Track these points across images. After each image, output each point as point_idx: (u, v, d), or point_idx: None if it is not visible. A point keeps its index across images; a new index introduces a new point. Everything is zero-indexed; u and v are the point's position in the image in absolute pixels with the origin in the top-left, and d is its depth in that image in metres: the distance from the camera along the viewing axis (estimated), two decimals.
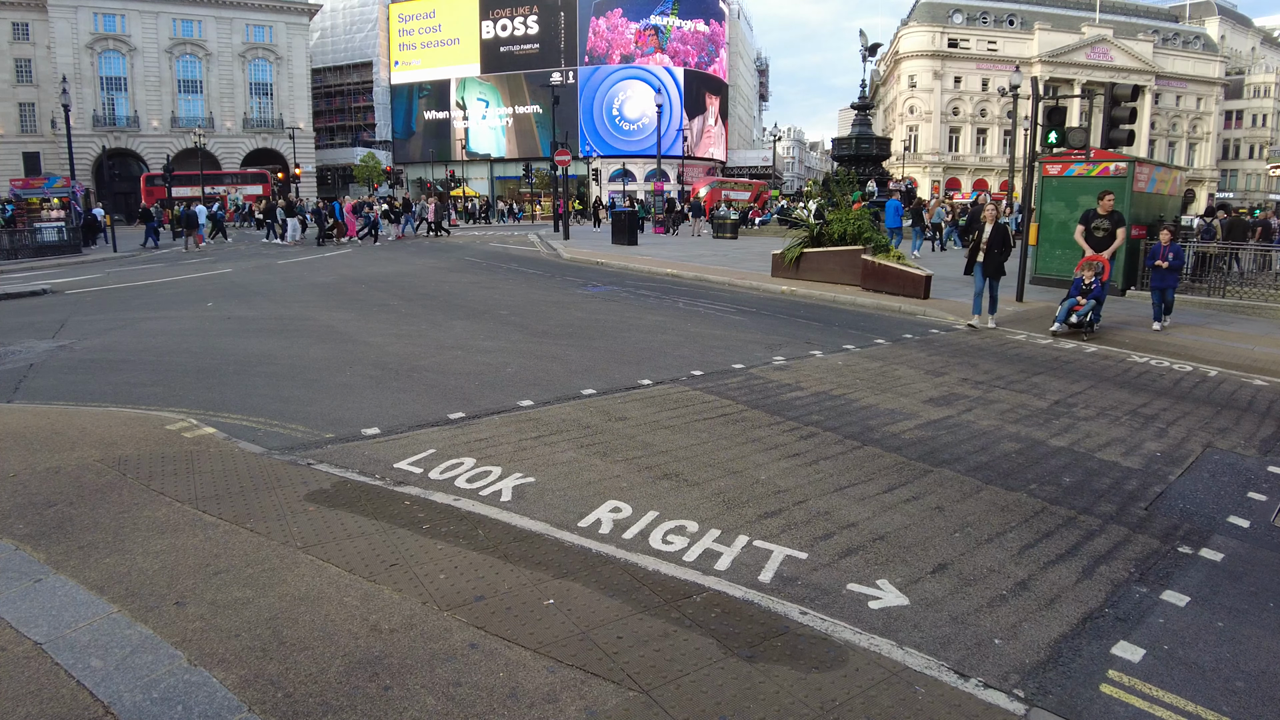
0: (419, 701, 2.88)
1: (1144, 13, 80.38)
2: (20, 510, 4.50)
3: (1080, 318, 11.18)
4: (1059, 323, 11.36)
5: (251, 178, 54.91)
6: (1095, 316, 11.32)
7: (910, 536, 4.52)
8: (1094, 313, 11.25)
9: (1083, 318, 11.18)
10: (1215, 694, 3.18)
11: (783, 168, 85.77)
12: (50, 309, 13.51)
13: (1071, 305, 11.28)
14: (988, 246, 11.89)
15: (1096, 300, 11.25)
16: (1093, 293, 11.30)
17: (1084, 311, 11.14)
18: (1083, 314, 11.16)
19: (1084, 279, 11.43)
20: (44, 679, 2.96)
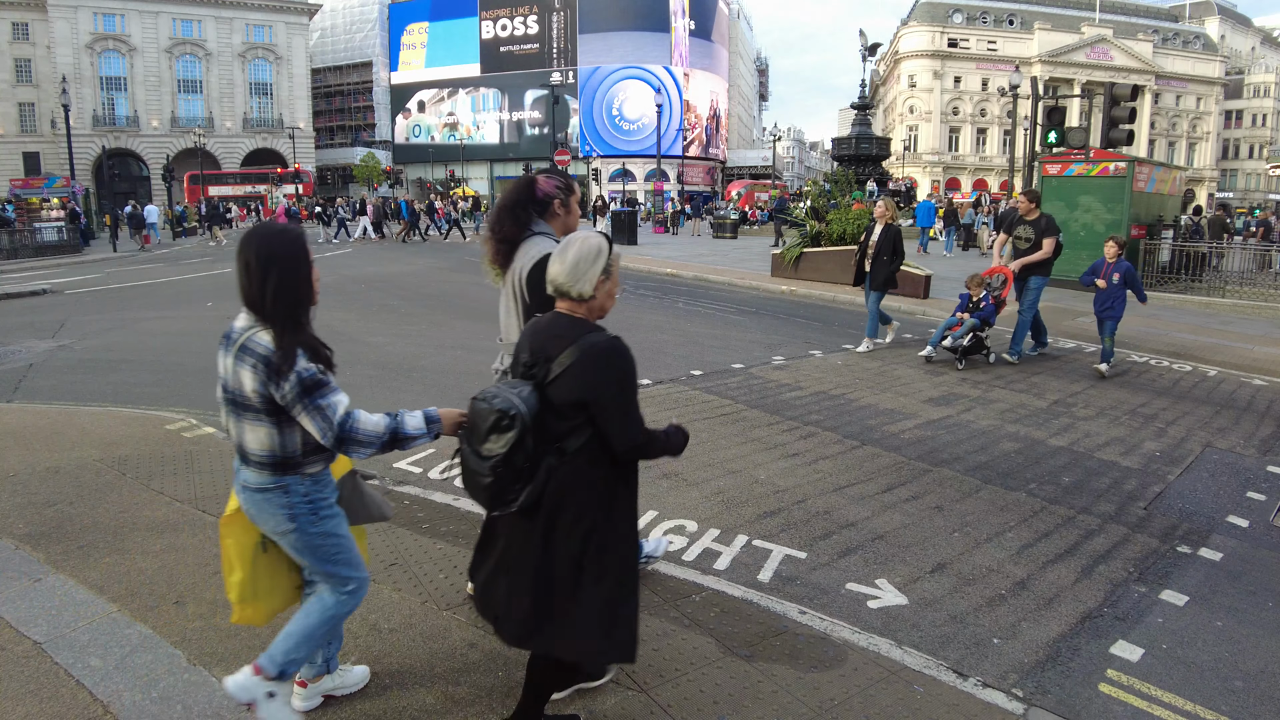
0: (418, 701, 2.89)
1: (1144, 12, 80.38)
2: (20, 510, 4.50)
3: (955, 341, 8.95)
4: (931, 347, 9.23)
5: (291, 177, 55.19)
6: (975, 342, 9.05)
7: (909, 536, 4.52)
8: (973, 337, 8.99)
9: (957, 341, 8.94)
10: (1214, 693, 3.18)
11: (783, 167, 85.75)
12: (50, 309, 13.52)
13: (948, 325, 9.18)
14: (875, 253, 9.80)
15: (981, 321, 9.06)
16: (979, 311, 9.14)
17: (960, 334, 8.94)
18: (958, 337, 8.94)
19: (971, 294, 9.31)
20: (43, 678, 2.97)
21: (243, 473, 2.51)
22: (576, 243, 2.44)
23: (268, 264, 2.40)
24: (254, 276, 2.39)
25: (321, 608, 2.61)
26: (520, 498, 2.31)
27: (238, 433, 2.49)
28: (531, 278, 3.07)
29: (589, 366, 2.31)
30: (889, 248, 9.73)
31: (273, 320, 2.39)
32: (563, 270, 2.41)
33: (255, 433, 2.44)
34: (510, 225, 3.21)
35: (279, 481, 2.46)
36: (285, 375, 2.35)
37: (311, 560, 2.58)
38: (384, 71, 75.13)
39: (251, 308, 2.43)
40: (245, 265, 2.42)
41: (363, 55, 75.81)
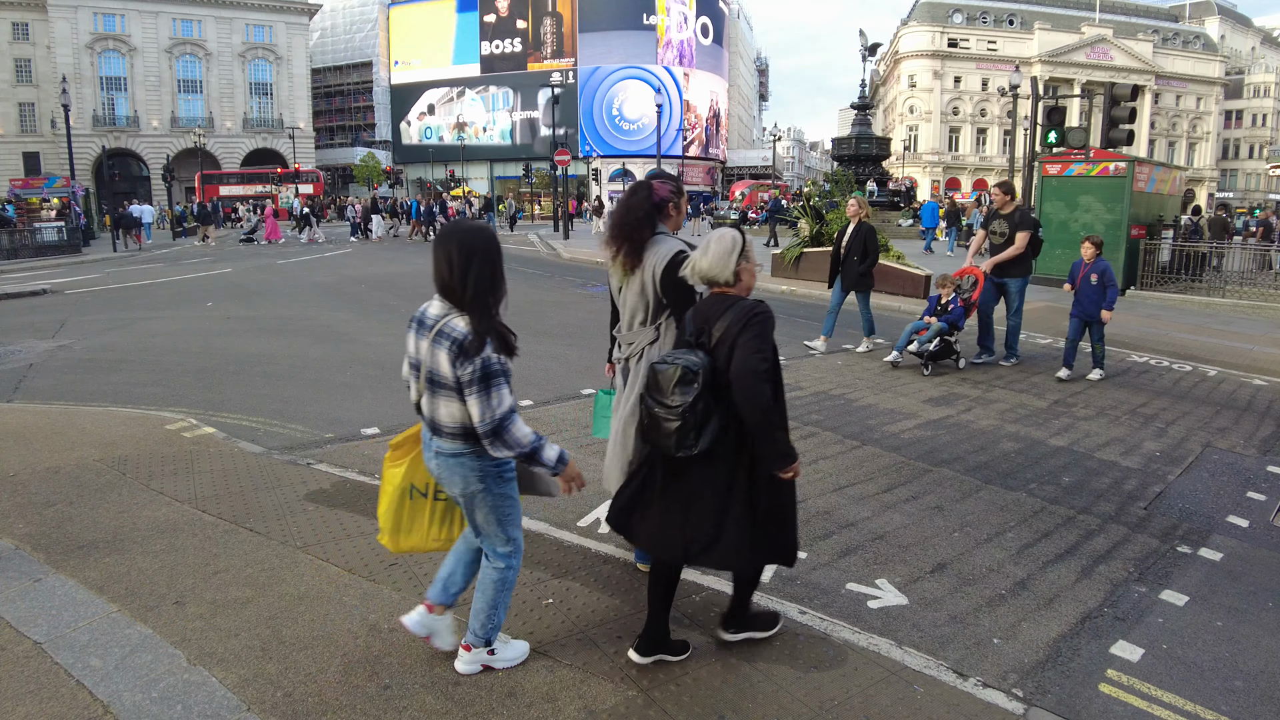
0: (418, 700, 2.89)
1: (1144, 12, 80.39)
2: (20, 510, 4.50)
3: (922, 345, 8.52)
4: (897, 351, 8.83)
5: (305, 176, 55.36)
6: (943, 347, 8.65)
7: (909, 536, 4.52)
8: (940, 341, 8.59)
9: (923, 346, 8.51)
10: (1214, 693, 3.18)
11: (783, 168, 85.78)
12: (50, 309, 13.51)
13: (915, 329, 8.70)
14: (846, 252, 9.48)
15: (949, 325, 8.64)
16: (948, 314, 8.72)
17: (926, 339, 8.51)
18: (924, 341, 8.52)
19: (941, 295, 8.94)
20: (43, 678, 2.97)
21: (435, 442, 2.83)
22: (714, 240, 3.00)
23: (469, 257, 2.70)
24: (455, 268, 2.69)
25: (492, 580, 2.97)
26: (701, 442, 2.78)
27: (431, 407, 2.80)
28: (665, 274, 3.47)
29: (745, 325, 2.82)
30: (859, 247, 9.36)
31: (469, 307, 2.70)
32: (710, 264, 2.97)
33: (449, 407, 2.75)
34: (642, 229, 3.58)
35: (471, 448, 2.78)
36: (471, 358, 2.65)
37: (489, 518, 2.89)
38: (384, 71, 75.11)
39: (448, 296, 2.73)
40: (447, 257, 2.71)
41: (363, 55, 75.76)
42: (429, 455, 2.89)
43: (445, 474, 2.84)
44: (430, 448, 2.87)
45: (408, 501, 3.01)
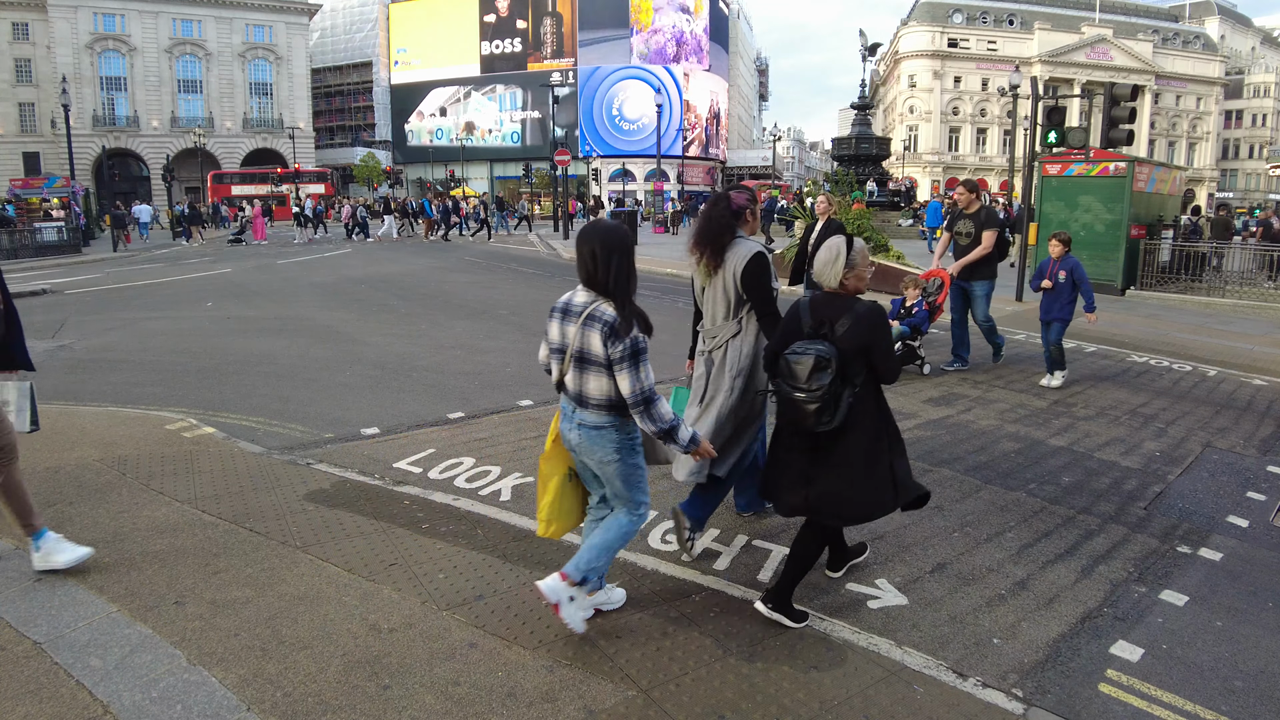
0: (418, 700, 2.89)
1: (1144, 12, 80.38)
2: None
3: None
4: None
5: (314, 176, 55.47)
6: (905, 352, 8.30)
7: (909, 536, 4.52)
8: (901, 346, 8.22)
9: None
10: (1214, 693, 3.18)
11: (783, 168, 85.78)
12: (50, 309, 13.51)
13: None
14: (813, 250, 8.24)
15: (911, 329, 8.27)
16: (911, 318, 8.28)
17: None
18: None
19: (905, 298, 8.52)
20: (43, 678, 2.97)
21: (579, 414, 3.18)
22: (822, 250, 3.45)
23: (610, 253, 3.11)
24: (599, 262, 3.10)
25: (618, 526, 3.30)
26: (837, 418, 3.25)
27: (579, 383, 3.15)
28: (745, 272, 3.97)
29: (864, 324, 3.31)
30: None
31: (614, 295, 3.10)
32: (816, 270, 3.48)
33: (598, 381, 3.10)
34: (723, 235, 4.04)
35: (613, 421, 3.15)
36: (622, 338, 3.01)
37: (621, 484, 3.27)
38: (384, 71, 75.12)
39: (593, 286, 3.13)
40: (591, 253, 3.12)
41: (363, 55, 75.80)
42: (570, 428, 3.22)
43: (587, 444, 3.19)
44: (573, 420, 3.20)
45: (566, 486, 3.39)
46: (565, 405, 3.27)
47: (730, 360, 4.07)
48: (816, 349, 3.27)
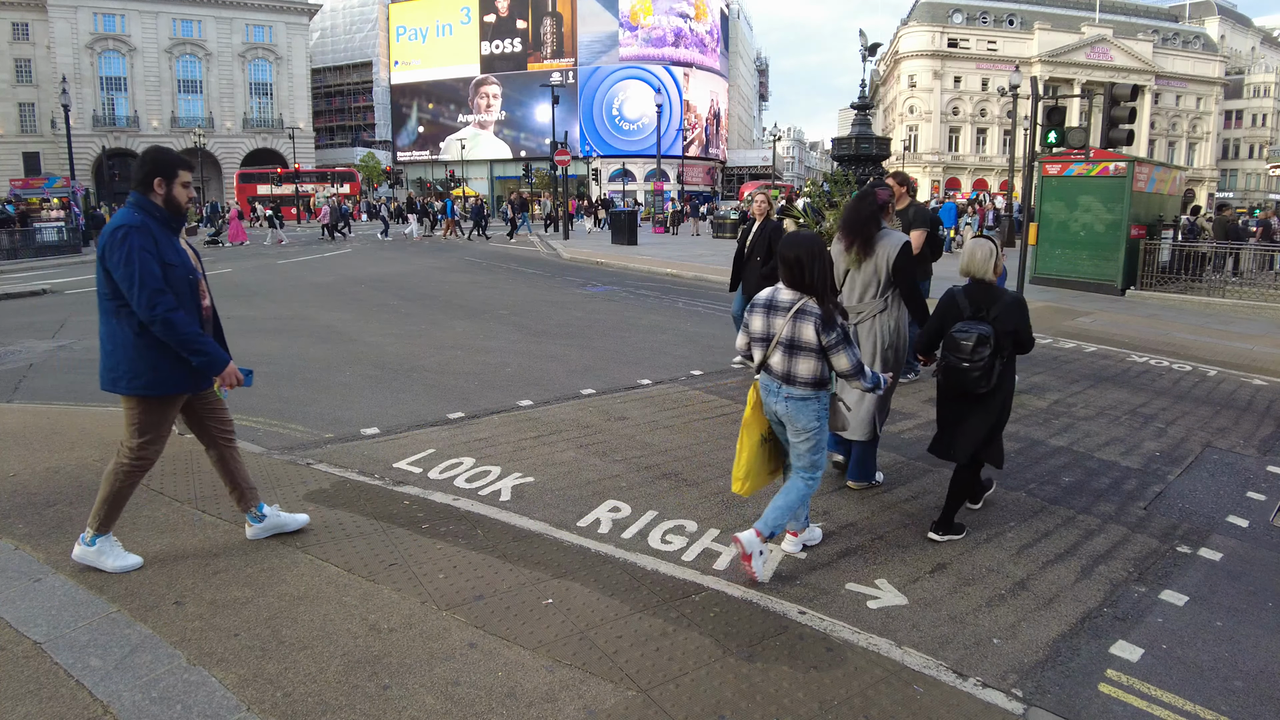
0: (418, 701, 2.89)
1: (1144, 12, 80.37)
2: (20, 510, 4.50)
3: None
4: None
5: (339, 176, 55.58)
6: None
7: (909, 536, 4.52)
8: None
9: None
10: (1214, 693, 3.18)
11: (783, 168, 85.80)
12: (50, 309, 13.52)
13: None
14: (749, 253, 8.33)
15: None
16: None
17: None
18: None
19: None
20: (43, 678, 2.97)
21: (786, 389, 3.87)
22: (978, 248, 4.36)
23: (814, 259, 3.77)
24: (805, 266, 3.76)
25: (796, 489, 3.99)
26: (991, 382, 4.22)
27: (788, 364, 3.84)
28: (898, 259, 4.77)
29: (1015, 310, 4.28)
30: (764, 247, 8.11)
31: (819, 294, 3.77)
32: (976, 265, 4.36)
33: (808, 364, 3.80)
34: (870, 226, 4.78)
35: (815, 394, 3.86)
36: (833, 328, 3.72)
37: (808, 449, 3.94)
38: (384, 71, 75.10)
39: (797, 286, 3.81)
40: (797, 259, 3.77)
41: (363, 55, 75.79)
42: (777, 400, 3.91)
43: (794, 413, 3.89)
44: (779, 395, 3.90)
45: (761, 450, 4.05)
46: (769, 383, 3.94)
47: (879, 333, 4.85)
48: (979, 329, 4.20)
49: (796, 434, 3.93)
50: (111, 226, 3.64)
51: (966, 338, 4.20)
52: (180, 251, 3.78)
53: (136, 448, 3.75)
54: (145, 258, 3.56)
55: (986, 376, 4.20)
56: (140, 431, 3.75)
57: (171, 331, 3.57)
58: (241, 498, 4.12)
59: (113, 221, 3.65)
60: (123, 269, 3.58)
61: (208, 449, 4.09)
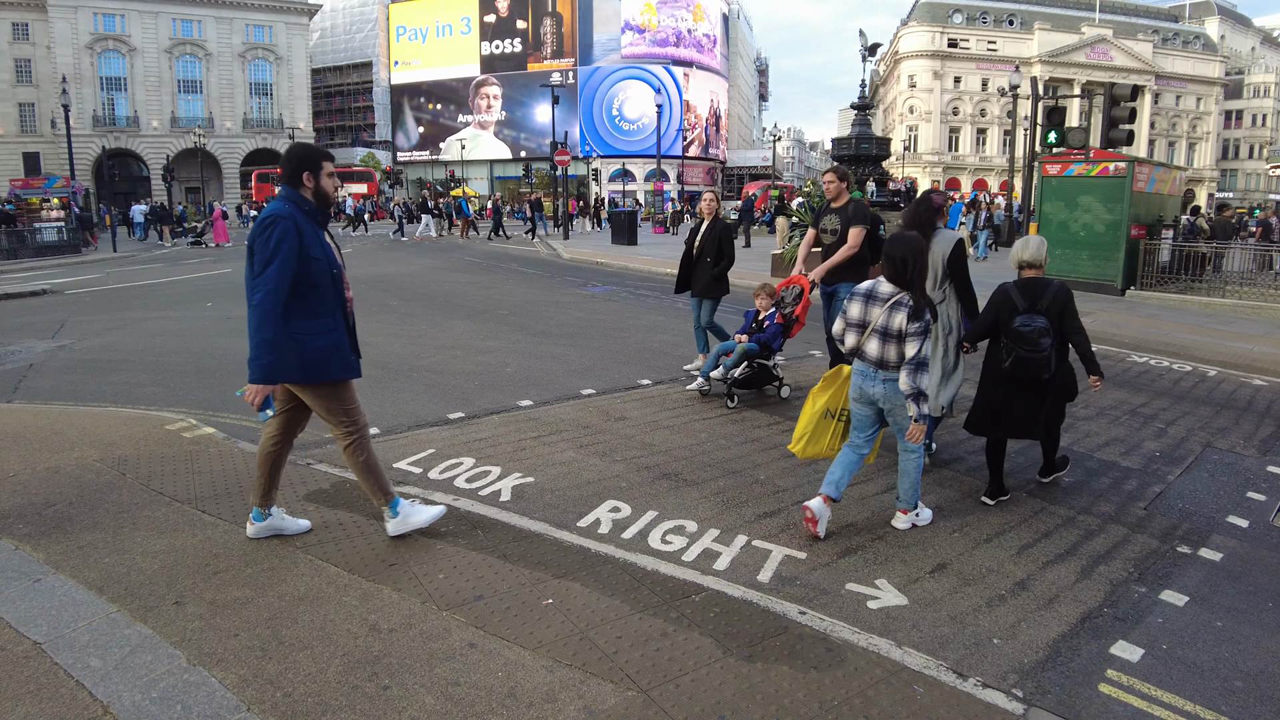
0: (418, 701, 2.89)
1: (1144, 13, 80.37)
2: (20, 510, 4.50)
3: (727, 371, 7.00)
4: (702, 377, 7.34)
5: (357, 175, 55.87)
6: (756, 373, 7.17)
7: (909, 536, 4.52)
8: (747, 367, 7.07)
9: (728, 372, 6.99)
10: (1214, 693, 3.18)
11: (783, 168, 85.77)
12: (50, 309, 13.52)
13: (724, 350, 7.23)
14: (698, 254, 8.00)
15: (760, 346, 7.09)
16: (759, 334, 7.18)
17: (731, 362, 7.00)
18: (730, 366, 7.00)
19: (759, 309, 7.43)
20: (43, 679, 2.97)
21: (881, 373, 4.35)
22: (1033, 242, 4.97)
23: (916, 258, 4.30)
24: (906, 264, 4.28)
25: (912, 464, 4.54)
26: (1052, 370, 4.74)
27: (883, 350, 4.31)
28: (952, 256, 5.47)
29: (1060, 296, 4.80)
30: (714, 248, 7.86)
31: (914, 289, 4.29)
32: (1030, 257, 4.92)
33: (899, 349, 4.25)
34: (927, 228, 5.39)
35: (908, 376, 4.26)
36: (920, 319, 4.20)
37: (904, 421, 4.37)
38: (384, 71, 75.09)
39: (897, 281, 4.31)
40: (901, 258, 4.28)
41: (363, 55, 75.76)
42: (874, 384, 4.39)
43: (889, 394, 4.34)
44: (876, 379, 4.37)
45: (821, 420, 4.69)
46: (865, 369, 4.43)
47: (942, 322, 5.46)
48: (1039, 323, 4.68)
49: (892, 412, 4.43)
50: (262, 216, 3.81)
51: (1031, 330, 4.68)
52: (325, 245, 3.93)
53: (348, 425, 4.04)
54: (285, 250, 3.70)
55: (1048, 365, 4.70)
56: (344, 410, 4.03)
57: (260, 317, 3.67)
58: (265, 496, 4.15)
59: (265, 212, 3.82)
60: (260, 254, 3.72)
61: (274, 438, 4.12)
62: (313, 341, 3.80)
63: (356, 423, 4.07)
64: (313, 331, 3.80)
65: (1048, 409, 4.93)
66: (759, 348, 7.12)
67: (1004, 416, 4.98)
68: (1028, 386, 4.85)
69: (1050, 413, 4.97)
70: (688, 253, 8.18)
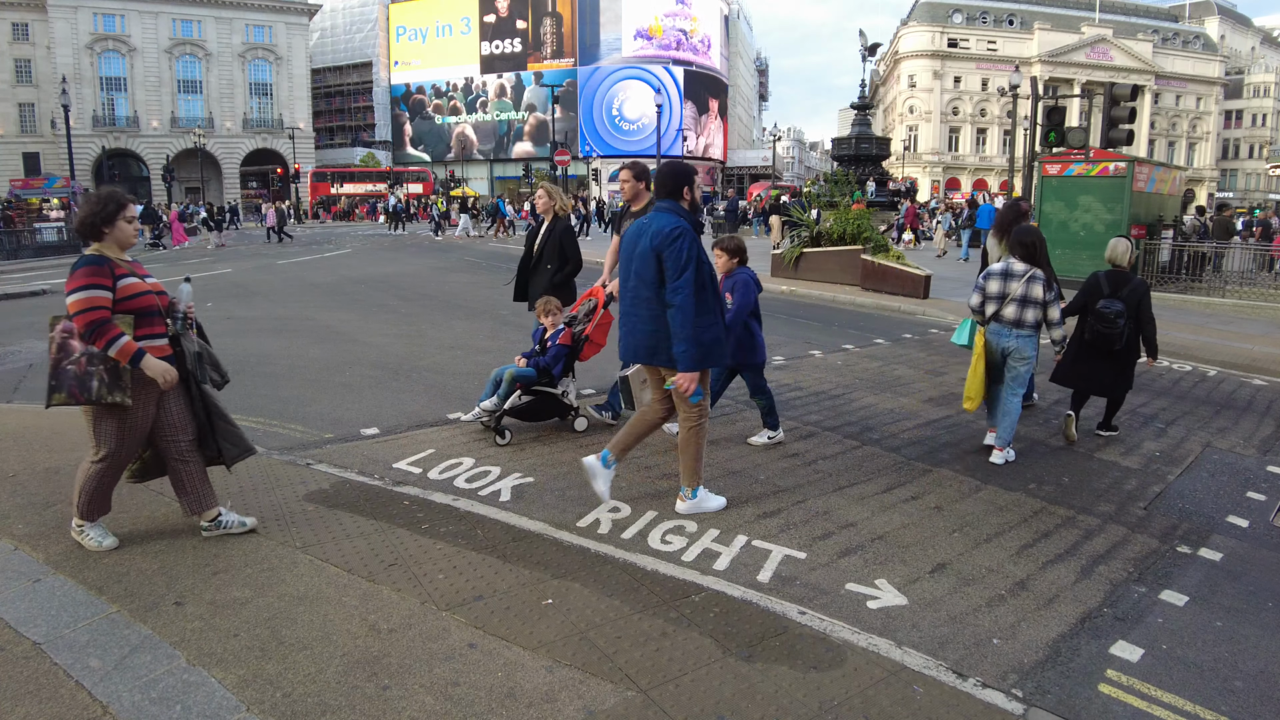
0: (417, 701, 2.89)
1: (1144, 12, 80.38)
2: (20, 510, 4.50)
3: (500, 402, 5.90)
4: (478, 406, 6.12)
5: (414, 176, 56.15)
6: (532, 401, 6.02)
7: (909, 536, 4.52)
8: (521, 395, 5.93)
9: (500, 404, 5.91)
10: (1214, 693, 3.18)
11: (782, 168, 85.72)
12: (50, 309, 13.49)
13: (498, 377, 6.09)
14: (538, 257, 6.75)
15: (538, 371, 5.99)
16: (541, 355, 6.11)
17: (504, 391, 5.93)
18: (503, 395, 5.91)
19: (544, 328, 6.25)
20: (43, 679, 2.96)
21: (1016, 331, 5.75)
22: (1121, 243, 6.41)
23: (1042, 243, 5.97)
24: (1035, 247, 5.83)
25: (1013, 404, 5.87)
26: (1124, 343, 6.06)
27: (1020, 314, 5.73)
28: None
29: (1138, 289, 6.12)
30: (555, 252, 6.64)
31: (1043, 266, 5.85)
32: (1115, 255, 6.32)
33: (1033, 312, 5.70)
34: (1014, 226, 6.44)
35: (1035, 334, 5.78)
36: (1052, 288, 5.76)
37: (1026, 370, 5.86)
38: (384, 72, 75.10)
39: (1029, 260, 5.78)
40: (1033, 243, 5.83)
41: (363, 55, 75.78)
42: (1009, 339, 5.77)
43: (1022, 345, 5.76)
44: (1012, 335, 5.75)
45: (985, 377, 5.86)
46: (1001, 329, 5.78)
47: None
48: (1116, 306, 6.00)
49: (1020, 360, 5.76)
50: (670, 227, 4.29)
51: (1109, 311, 5.98)
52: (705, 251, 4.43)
53: (697, 409, 4.52)
54: (695, 257, 4.27)
55: (1121, 338, 6.01)
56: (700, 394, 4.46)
57: (682, 319, 4.22)
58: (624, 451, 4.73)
59: (669, 223, 4.32)
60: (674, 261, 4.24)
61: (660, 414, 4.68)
62: (704, 334, 4.29)
63: (706, 407, 4.63)
64: (704, 326, 4.30)
65: (1119, 375, 6.23)
66: (536, 373, 6.00)
67: (1083, 375, 6.26)
68: (1103, 355, 6.10)
69: (1120, 378, 6.25)
70: (526, 256, 6.91)
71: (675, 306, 4.21)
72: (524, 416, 6.18)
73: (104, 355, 3.73)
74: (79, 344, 3.75)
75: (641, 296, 4.41)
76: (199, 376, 4.15)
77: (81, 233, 3.93)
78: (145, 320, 3.89)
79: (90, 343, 3.70)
